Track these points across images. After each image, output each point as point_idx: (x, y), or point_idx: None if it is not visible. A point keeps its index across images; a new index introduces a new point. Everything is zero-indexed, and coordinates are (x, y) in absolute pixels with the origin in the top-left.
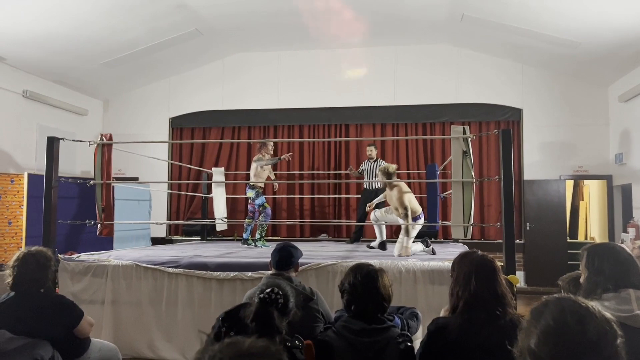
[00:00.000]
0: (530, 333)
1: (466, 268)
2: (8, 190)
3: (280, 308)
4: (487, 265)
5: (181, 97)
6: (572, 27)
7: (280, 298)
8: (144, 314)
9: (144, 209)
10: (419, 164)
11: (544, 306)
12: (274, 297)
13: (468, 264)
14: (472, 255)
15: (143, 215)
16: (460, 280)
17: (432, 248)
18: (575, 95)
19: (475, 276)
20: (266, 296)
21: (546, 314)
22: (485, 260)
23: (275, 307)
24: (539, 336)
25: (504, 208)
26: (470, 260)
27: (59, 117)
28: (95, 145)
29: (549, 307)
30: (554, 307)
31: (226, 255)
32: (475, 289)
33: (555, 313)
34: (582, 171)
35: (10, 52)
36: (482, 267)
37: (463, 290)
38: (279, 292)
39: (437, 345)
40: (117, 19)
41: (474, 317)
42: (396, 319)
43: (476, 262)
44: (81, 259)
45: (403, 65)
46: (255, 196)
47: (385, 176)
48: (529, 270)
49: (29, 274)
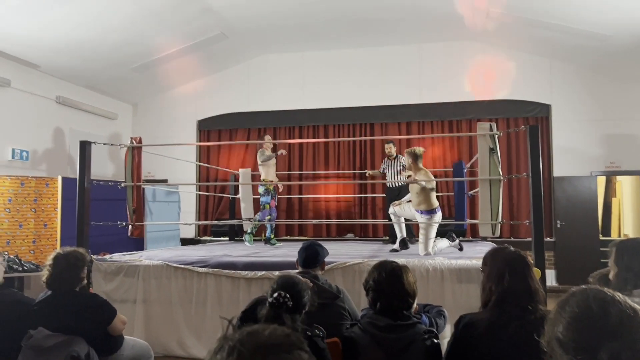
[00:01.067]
0: (557, 322)
1: (499, 263)
2: (43, 193)
3: (292, 308)
4: (520, 261)
5: (208, 99)
6: (601, 20)
7: (288, 301)
8: (174, 313)
9: (174, 210)
10: (445, 162)
11: (571, 296)
12: (282, 301)
13: (501, 259)
14: (505, 251)
15: (172, 216)
16: (493, 276)
17: (458, 242)
18: (605, 90)
19: (508, 271)
20: (274, 301)
21: (571, 302)
22: (518, 255)
23: (285, 309)
24: (564, 324)
25: (532, 205)
26: (503, 255)
27: (90, 121)
28: (125, 148)
29: (575, 296)
30: (580, 295)
31: (254, 255)
32: (508, 284)
33: (580, 301)
34: (614, 167)
35: (43, 59)
36: (515, 263)
37: (496, 286)
38: (286, 295)
39: (466, 340)
40: (145, 24)
41: (505, 312)
42: (424, 317)
43: (510, 257)
44: (113, 259)
45: (428, 63)
46: (264, 193)
47: (412, 157)
48: (560, 268)
49: (60, 274)
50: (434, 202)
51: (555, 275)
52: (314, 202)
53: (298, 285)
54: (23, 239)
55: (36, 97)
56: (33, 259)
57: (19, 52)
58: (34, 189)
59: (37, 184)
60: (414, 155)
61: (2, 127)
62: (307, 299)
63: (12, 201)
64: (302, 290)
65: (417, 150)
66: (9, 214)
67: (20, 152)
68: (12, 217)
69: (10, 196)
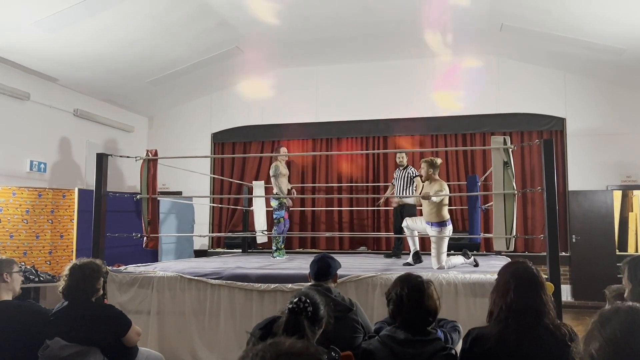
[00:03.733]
0: (593, 338)
1: (507, 276)
2: (60, 205)
3: (311, 317)
4: (527, 275)
5: (223, 112)
6: (616, 33)
7: (309, 306)
8: (188, 324)
9: (188, 222)
10: (459, 176)
11: (614, 313)
12: (302, 306)
13: (510, 272)
14: (515, 265)
15: (186, 228)
16: (500, 288)
17: (474, 259)
18: (621, 103)
19: (515, 286)
20: (294, 306)
21: (614, 322)
22: (527, 269)
23: (305, 316)
24: (601, 343)
25: (547, 219)
26: (513, 269)
27: (107, 134)
28: (141, 160)
29: (619, 315)
30: (624, 316)
31: (267, 267)
32: (513, 298)
33: (624, 324)
34: (631, 181)
35: (62, 73)
36: (523, 277)
37: (500, 298)
38: (307, 300)
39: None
40: (162, 38)
41: (511, 326)
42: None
43: (518, 271)
44: (128, 270)
45: (442, 77)
46: (277, 207)
47: (430, 166)
48: (576, 283)
49: (76, 285)
50: (445, 214)
51: (570, 290)
52: (327, 214)
53: (316, 298)
54: (40, 249)
55: (54, 110)
56: (49, 269)
57: (38, 66)
58: (51, 200)
59: (54, 196)
60: (432, 165)
61: (21, 139)
62: (323, 312)
63: (29, 212)
64: (320, 303)
65: (435, 160)
66: (26, 225)
67: (38, 164)
68: (29, 228)
69: (28, 207)
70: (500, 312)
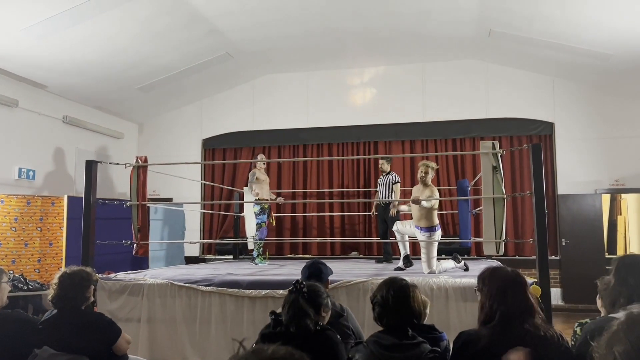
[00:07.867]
0: (620, 340)
1: (500, 282)
2: (49, 212)
3: (308, 298)
4: (518, 280)
5: (213, 118)
6: (603, 39)
7: (304, 287)
8: (179, 331)
9: (178, 229)
10: (449, 180)
11: None
12: (299, 287)
13: (502, 278)
14: (504, 270)
15: (177, 234)
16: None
17: (464, 263)
18: (609, 108)
19: (504, 291)
20: (292, 288)
21: None
22: (508, 273)
23: (302, 296)
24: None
25: (536, 223)
26: (503, 275)
27: (96, 140)
28: (131, 167)
29: None
30: None
31: (258, 274)
32: (511, 301)
33: None
34: (619, 185)
35: (51, 80)
36: (514, 281)
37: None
38: (303, 282)
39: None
40: (152, 45)
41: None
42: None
43: (509, 276)
44: (118, 278)
45: (432, 82)
46: (259, 212)
47: (426, 171)
48: (566, 286)
49: (65, 293)
50: (434, 219)
51: (560, 293)
52: (319, 220)
53: (317, 287)
54: (28, 257)
55: (43, 117)
56: (38, 277)
57: (27, 73)
58: (39, 207)
59: (43, 203)
60: (429, 169)
61: (9, 146)
62: (323, 299)
63: (18, 220)
64: (320, 290)
65: (433, 165)
66: (15, 233)
67: (26, 171)
68: (17, 236)
69: (16, 215)
70: (488, 316)
